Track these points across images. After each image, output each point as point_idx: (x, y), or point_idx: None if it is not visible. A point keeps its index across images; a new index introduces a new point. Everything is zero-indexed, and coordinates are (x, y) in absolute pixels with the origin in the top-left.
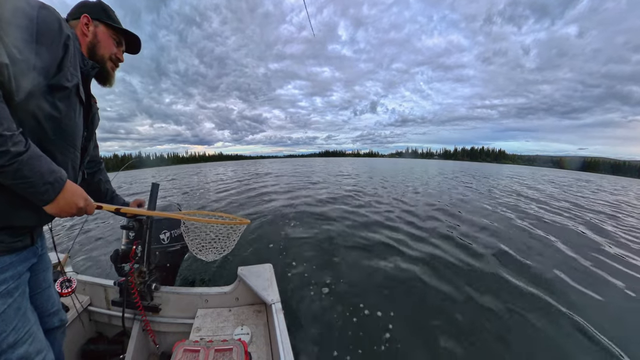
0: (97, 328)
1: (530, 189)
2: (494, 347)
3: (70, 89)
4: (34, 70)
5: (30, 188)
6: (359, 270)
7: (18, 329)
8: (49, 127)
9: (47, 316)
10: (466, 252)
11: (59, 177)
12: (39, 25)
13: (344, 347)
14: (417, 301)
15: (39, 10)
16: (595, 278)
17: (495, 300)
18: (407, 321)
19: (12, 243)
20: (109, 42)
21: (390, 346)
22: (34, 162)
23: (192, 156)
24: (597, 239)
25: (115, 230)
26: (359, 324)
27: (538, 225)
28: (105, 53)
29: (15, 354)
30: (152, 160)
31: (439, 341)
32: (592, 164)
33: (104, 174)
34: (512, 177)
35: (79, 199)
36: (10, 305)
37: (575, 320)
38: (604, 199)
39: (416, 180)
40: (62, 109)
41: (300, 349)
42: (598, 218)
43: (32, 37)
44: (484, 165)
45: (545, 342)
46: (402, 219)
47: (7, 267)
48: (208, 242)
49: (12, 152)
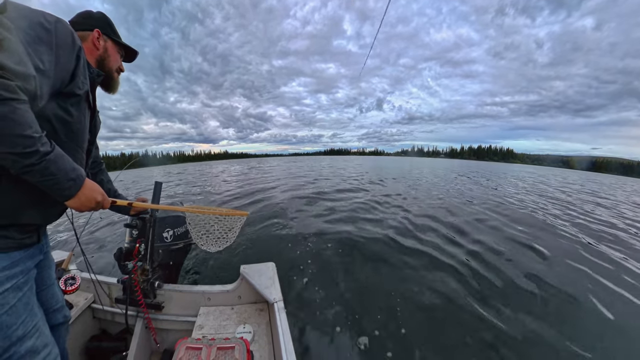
0: (101, 325)
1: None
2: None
3: (82, 95)
4: (54, 79)
5: (56, 184)
6: (363, 271)
7: (26, 323)
8: (61, 130)
9: (52, 312)
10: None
11: (80, 174)
12: (57, 39)
13: (345, 347)
14: (429, 306)
15: (56, 24)
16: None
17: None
18: (416, 325)
19: (21, 239)
20: (116, 56)
21: (393, 347)
22: (59, 161)
23: (198, 154)
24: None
25: (118, 228)
26: (361, 324)
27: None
28: (114, 66)
29: (23, 347)
30: (158, 158)
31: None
32: (602, 165)
33: (106, 174)
34: (503, 176)
35: (97, 194)
36: (20, 299)
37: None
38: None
39: (436, 183)
40: (74, 114)
41: (303, 348)
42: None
43: (52, 50)
44: (488, 164)
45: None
46: (405, 220)
47: (18, 262)
48: (211, 234)
49: (41, 151)
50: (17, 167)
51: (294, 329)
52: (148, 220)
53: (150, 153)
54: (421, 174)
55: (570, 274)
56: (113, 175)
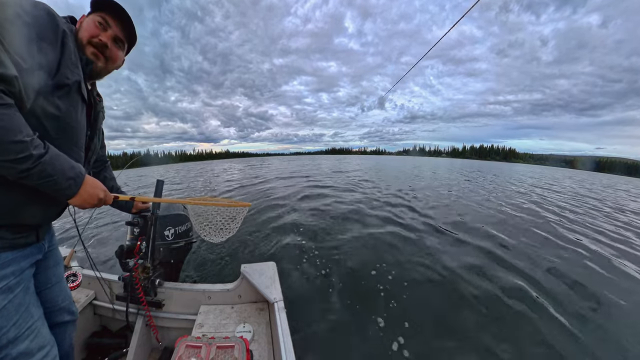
0: (102, 322)
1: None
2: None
3: (71, 86)
4: (38, 74)
5: (55, 185)
6: (365, 271)
7: (19, 325)
8: (50, 126)
9: (58, 310)
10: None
11: (79, 172)
12: (36, 28)
13: (346, 346)
14: (433, 302)
15: (32, 11)
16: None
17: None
18: (418, 326)
19: (13, 240)
20: (91, 26)
21: (393, 346)
22: (55, 161)
23: (199, 154)
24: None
25: (120, 226)
26: (362, 323)
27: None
28: (84, 37)
29: (15, 350)
30: (160, 157)
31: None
32: (606, 165)
33: (109, 171)
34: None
35: (99, 190)
36: (11, 301)
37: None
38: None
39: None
40: (62, 108)
41: (302, 348)
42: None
43: (33, 43)
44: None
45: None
46: (405, 215)
47: (9, 262)
48: (214, 225)
49: (34, 155)
50: (13, 173)
51: (294, 329)
52: (149, 219)
53: (151, 152)
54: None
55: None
56: (115, 174)
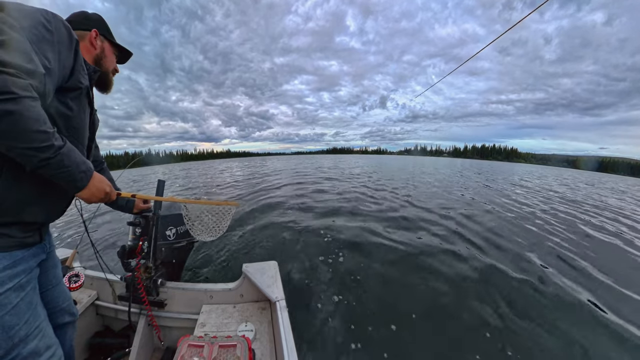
0: (104, 322)
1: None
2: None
3: (82, 89)
4: (58, 76)
5: (69, 176)
6: (367, 271)
7: (29, 323)
8: (62, 125)
9: (59, 311)
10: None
11: (89, 166)
12: (57, 36)
13: (346, 347)
14: (440, 310)
15: (54, 20)
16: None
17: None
18: (416, 324)
19: (23, 238)
20: (112, 57)
21: (393, 346)
22: (71, 154)
23: (201, 153)
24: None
25: (121, 226)
26: (363, 324)
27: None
28: (110, 66)
29: (26, 349)
30: (161, 157)
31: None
32: (609, 165)
33: (108, 173)
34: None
35: (105, 185)
36: (23, 298)
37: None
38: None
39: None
40: (74, 109)
41: (304, 347)
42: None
43: (55, 47)
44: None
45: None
46: (418, 218)
47: (20, 261)
48: (205, 224)
49: (55, 145)
50: (34, 161)
51: (296, 328)
52: (151, 219)
53: (153, 152)
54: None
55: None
56: (116, 174)
